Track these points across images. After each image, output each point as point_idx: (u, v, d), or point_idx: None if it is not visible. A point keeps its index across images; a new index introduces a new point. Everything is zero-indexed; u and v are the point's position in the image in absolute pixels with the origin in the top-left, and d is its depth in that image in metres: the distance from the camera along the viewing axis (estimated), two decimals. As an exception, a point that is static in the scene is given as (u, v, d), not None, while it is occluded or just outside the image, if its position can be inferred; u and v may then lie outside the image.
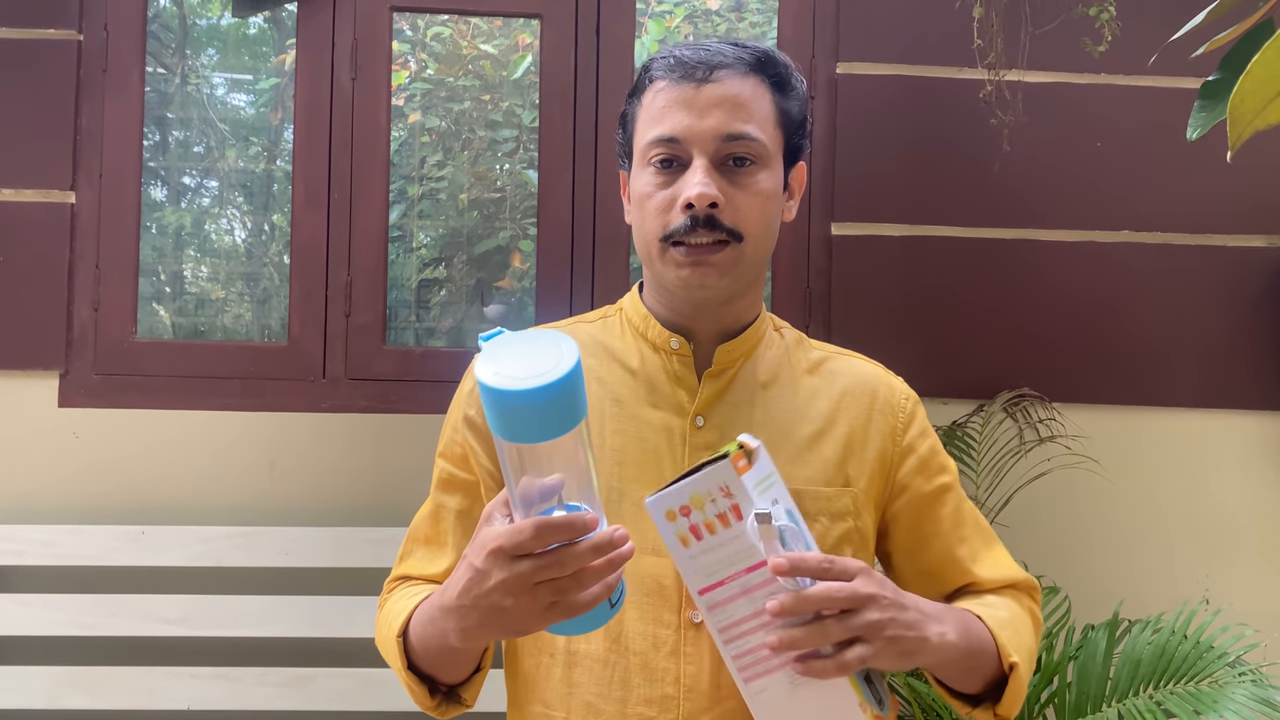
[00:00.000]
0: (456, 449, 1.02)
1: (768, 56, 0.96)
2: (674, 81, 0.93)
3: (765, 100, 0.95)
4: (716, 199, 0.91)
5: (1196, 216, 2.07)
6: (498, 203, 2.37)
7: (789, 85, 0.97)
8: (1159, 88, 2.04)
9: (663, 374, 0.98)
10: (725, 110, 0.92)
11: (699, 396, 0.97)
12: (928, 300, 2.04)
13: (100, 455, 1.97)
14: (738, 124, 0.92)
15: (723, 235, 0.92)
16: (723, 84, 0.93)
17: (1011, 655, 0.92)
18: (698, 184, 0.91)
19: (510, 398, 0.67)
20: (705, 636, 0.91)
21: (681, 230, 0.92)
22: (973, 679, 0.94)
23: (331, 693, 1.86)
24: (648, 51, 2.42)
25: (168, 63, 2.30)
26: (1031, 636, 0.99)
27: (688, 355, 0.98)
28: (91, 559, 1.88)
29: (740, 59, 0.94)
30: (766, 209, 0.94)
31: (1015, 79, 1.90)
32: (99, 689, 1.85)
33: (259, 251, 2.40)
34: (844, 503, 0.95)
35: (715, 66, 0.93)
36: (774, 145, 0.95)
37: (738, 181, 0.93)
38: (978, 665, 0.92)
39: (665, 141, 0.93)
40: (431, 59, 2.45)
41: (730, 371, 0.98)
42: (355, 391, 2.01)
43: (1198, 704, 1.51)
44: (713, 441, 0.95)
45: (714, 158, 0.92)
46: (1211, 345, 2.05)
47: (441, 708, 0.95)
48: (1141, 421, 2.05)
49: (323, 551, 1.90)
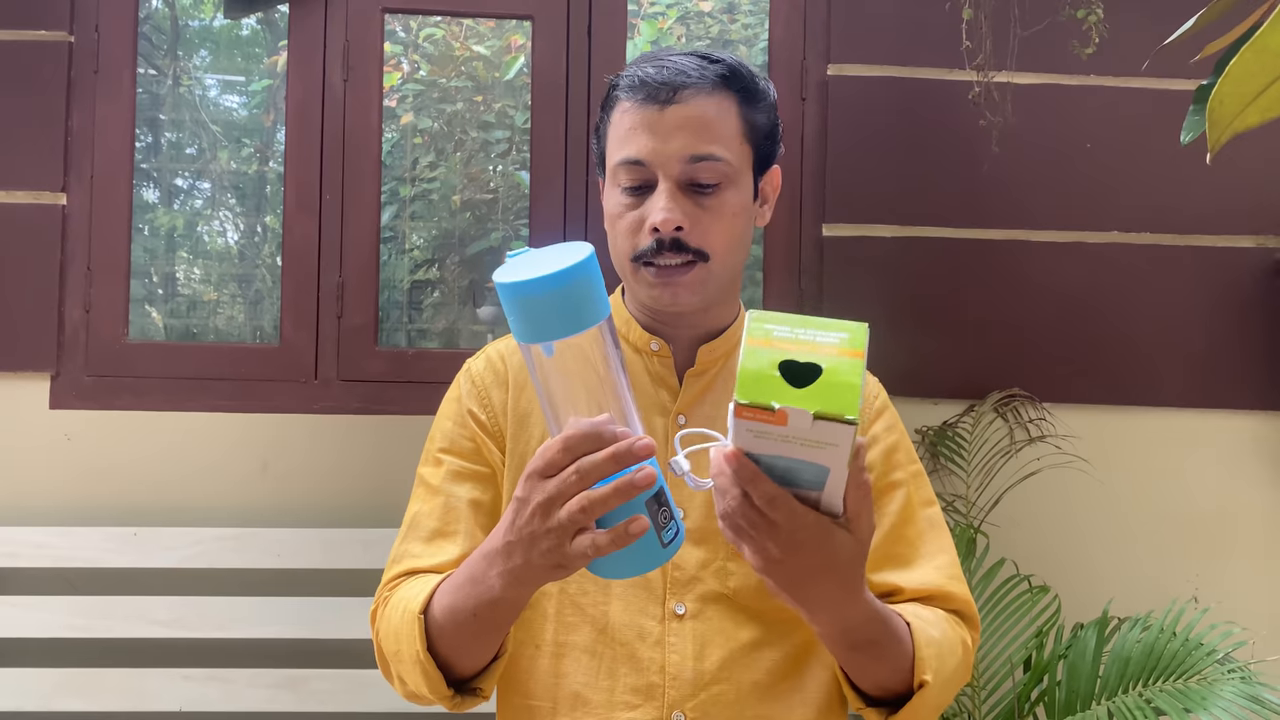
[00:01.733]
0: (465, 443, 1.01)
1: (733, 70, 0.96)
2: (638, 103, 0.94)
3: (731, 116, 0.95)
4: (680, 223, 0.92)
5: (1185, 217, 2.08)
6: (490, 204, 2.37)
7: (757, 96, 0.97)
8: (1147, 89, 2.05)
9: (645, 375, 1.01)
10: (689, 132, 0.92)
11: (681, 396, 1.00)
12: (918, 301, 2.05)
13: (92, 457, 1.97)
14: (702, 145, 0.93)
15: (689, 256, 0.93)
16: (686, 105, 0.93)
17: (925, 673, 0.88)
18: (661, 209, 0.92)
19: (522, 288, 0.68)
20: (688, 627, 0.94)
21: (649, 252, 0.94)
22: (873, 676, 0.89)
23: (324, 694, 1.86)
24: (640, 53, 2.42)
25: (159, 64, 2.30)
26: (955, 667, 0.93)
27: (668, 356, 1.01)
28: (84, 561, 1.88)
29: (704, 76, 0.94)
30: (733, 227, 0.95)
31: (1004, 80, 1.91)
32: (92, 691, 1.85)
33: (251, 253, 2.40)
34: None
35: (679, 87, 0.93)
36: (741, 160, 0.96)
37: (703, 203, 0.94)
38: (881, 661, 0.87)
39: (631, 164, 0.94)
40: (424, 60, 2.45)
41: (712, 371, 1.01)
42: (348, 393, 2.01)
43: (1187, 701, 1.52)
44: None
45: (679, 180, 0.93)
46: (1200, 345, 2.06)
47: (455, 699, 0.91)
48: (1131, 421, 2.07)
49: (315, 553, 1.90)
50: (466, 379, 1.04)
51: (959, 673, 0.94)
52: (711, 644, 0.94)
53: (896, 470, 1.01)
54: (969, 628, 0.99)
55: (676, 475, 0.73)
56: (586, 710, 0.94)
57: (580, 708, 0.94)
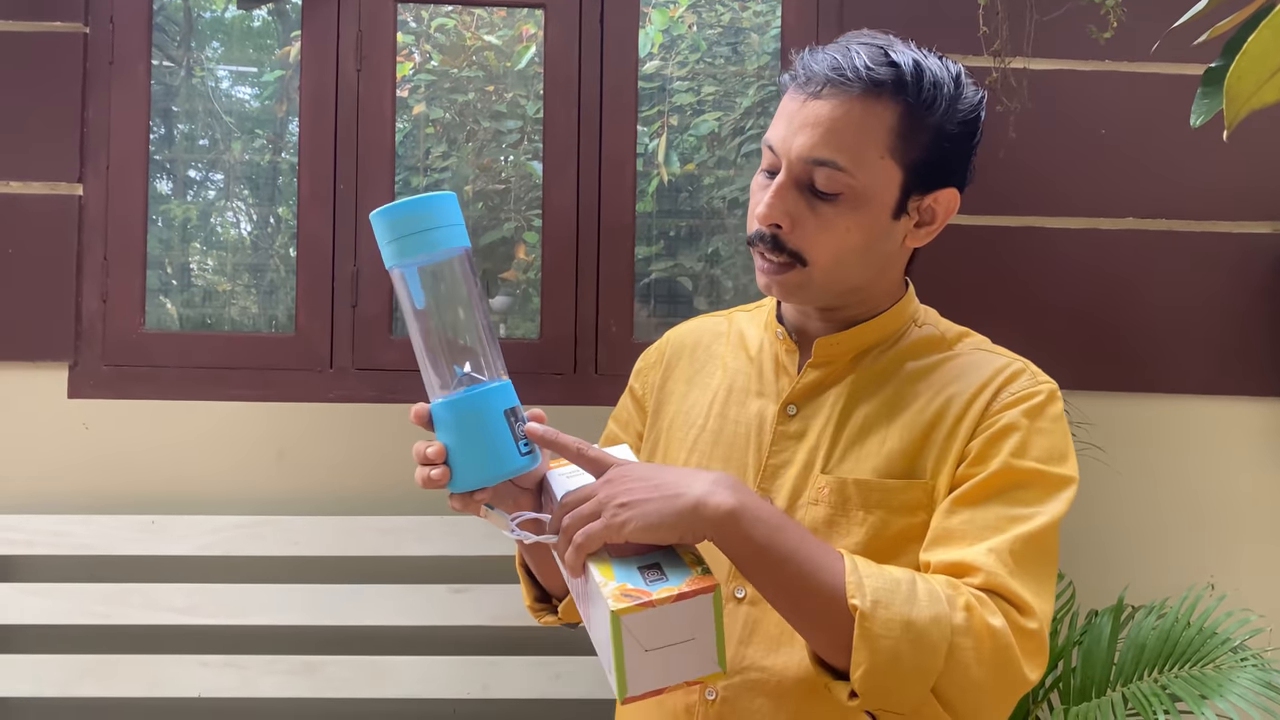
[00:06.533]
0: (623, 412, 1.09)
1: (900, 79, 0.87)
2: (795, 88, 0.90)
3: (879, 127, 0.87)
4: (779, 221, 0.89)
5: (1202, 203, 2.06)
6: (502, 194, 2.37)
7: (930, 109, 0.88)
8: (1164, 74, 2.04)
9: (772, 362, 0.99)
10: (817, 132, 0.87)
11: (795, 385, 0.96)
12: (932, 288, 2.02)
13: (110, 446, 1.99)
14: (824, 150, 0.87)
15: (785, 257, 0.90)
16: (826, 103, 0.87)
17: (855, 598, 0.75)
18: (765, 202, 0.89)
19: (386, 211, 0.79)
20: (743, 611, 0.93)
21: (753, 239, 0.91)
22: (800, 616, 0.79)
23: (339, 680, 1.88)
24: (651, 42, 2.42)
25: (173, 55, 2.31)
26: (928, 615, 0.76)
27: (792, 346, 0.98)
28: (102, 549, 1.90)
29: (862, 78, 0.86)
30: (845, 241, 0.89)
31: (1021, 66, 1.90)
32: (110, 677, 1.87)
33: (264, 244, 2.41)
34: (911, 495, 0.88)
35: (826, 82, 0.87)
36: (874, 178, 0.88)
37: (817, 208, 0.88)
38: (802, 590, 0.77)
39: (767, 147, 0.92)
40: (435, 50, 2.45)
41: (833, 365, 0.95)
42: (363, 381, 2.02)
43: (1203, 688, 1.52)
44: (798, 431, 0.94)
45: (797, 178, 0.88)
46: (1216, 332, 2.05)
47: (540, 612, 1.01)
48: (1146, 408, 2.06)
49: (331, 540, 1.92)
50: (641, 357, 1.10)
51: (965, 645, 0.76)
52: (760, 632, 0.92)
53: (994, 456, 0.86)
54: (1011, 609, 0.80)
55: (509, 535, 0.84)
56: None
57: None
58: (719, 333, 1.06)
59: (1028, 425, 0.88)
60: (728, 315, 1.08)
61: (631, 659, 0.73)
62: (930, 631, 0.76)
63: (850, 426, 0.93)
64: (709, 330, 1.07)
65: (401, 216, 0.78)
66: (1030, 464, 0.86)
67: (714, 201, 2.43)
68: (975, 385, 0.91)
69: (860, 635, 0.75)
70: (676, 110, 2.44)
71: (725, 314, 1.09)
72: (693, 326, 1.09)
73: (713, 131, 2.43)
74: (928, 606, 0.77)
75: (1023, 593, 0.80)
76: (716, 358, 1.03)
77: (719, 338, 1.05)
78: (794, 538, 0.79)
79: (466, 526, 1.92)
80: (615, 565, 0.77)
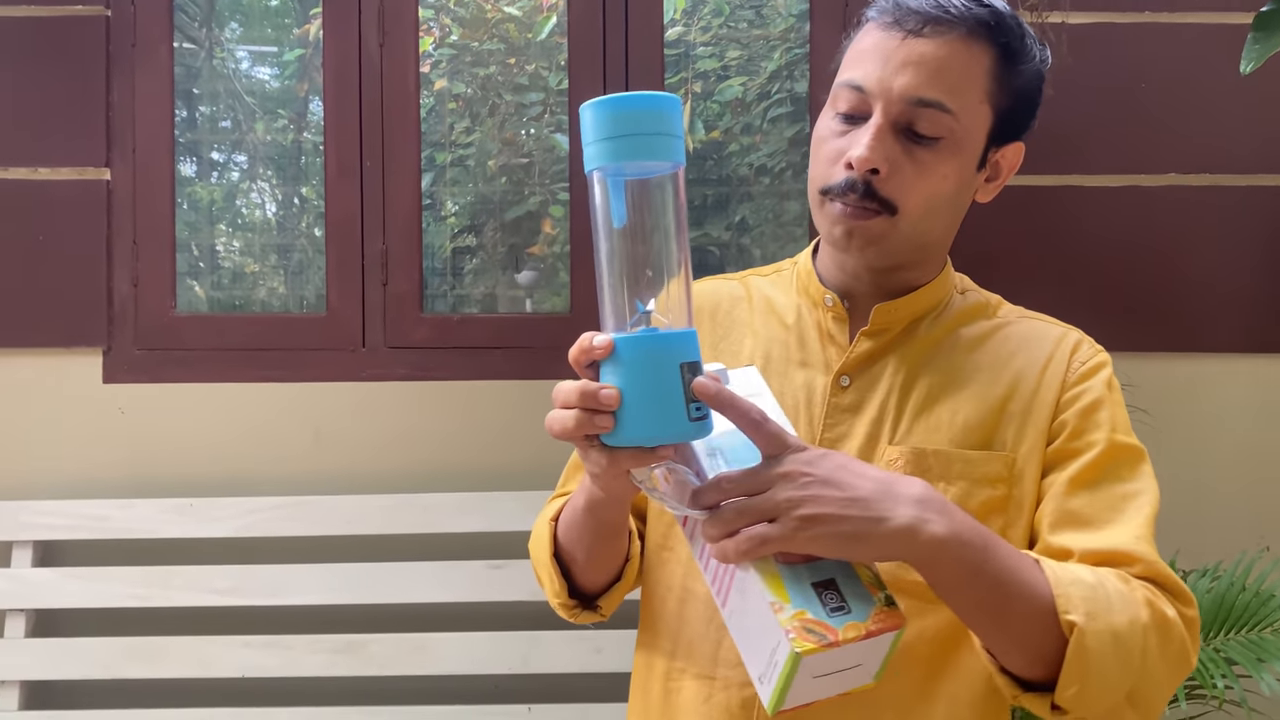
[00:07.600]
0: None
1: (1000, 21, 0.85)
2: (883, 26, 0.85)
3: (980, 70, 0.85)
4: (879, 166, 0.84)
5: (1245, 157, 2.01)
6: (526, 168, 2.35)
7: (1020, 57, 0.86)
8: (1204, 24, 1.98)
9: (815, 330, 0.94)
10: (922, 72, 0.83)
11: (849, 355, 0.92)
12: (970, 249, 1.99)
13: (146, 429, 1.99)
14: (932, 90, 0.83)
15: (876, 206, 0.85)
16: (930, 41, 0.83)
17: (1070, 612, 0.73)
18: (864, 145, 0.83)
19: (600, 104, 0.68)
20: None
21: (838, 188, 0.86)
22: (1005, 634, 0.76)
23: (383, 658, 1.88)
24: (675, 8, 2.37)
25: (194, 36, 2.29)
26: (1138, 631, 0.74)
27: (842, 313, 0.93)
28: (142, 532, 1.91)
29: (964, 18, 0.84)
30: (939, 190, 0.86)
31: (1059, 20, 1.85)
32: (155, 659, 1.88)
33: (290, 224, 2.40)
34: (992, 468, 0.87)
35: (930, 20, 0.83)
36: (974, 121, 0.86)
37: (915, 153, 0.85)
38: (1008, 609, 0.74)
39: (852, 89, 0.86)
40: (455, 24, 2.42)
41: (888, 334, 0.92)
42: (395, 360, 2.01)
43: (1260, 652, 1.49)
44: (854, 403, 0.90)
45: (895, 120, 0.84)
46: (1262, 288, 2.00)
47: (575, 610, 0.96)
48: (1191, 368, 2.01)
49: (368, 519, 1.92)
50: None
51: (1153, 644, 0.75)
52: None
53: (1094, 430, 0.87)
54: (1172, 598, 0.80)
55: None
56: (691, 660, 0.93)
57: (688, 657, 0.92)
58: (737, 297, 1.00)
59: (1110, 397, 0.89)
60: (741, 279, 1.03)
61: (797, 685, 0.68)
62: (1131, 639, 0.75)
63: (914, 397, 0.89)
64: (726, 294, 1.01)
65: (624, 112, 0.68)
66: (1126, 439, 0.88)
67: (740, 169, 2.40)
68: (1042, 357, 0.91)
69: (1075, 652, 0.73)
70: (700, 76, 2.40)
71: (738, 277, 1.03)
72: (708, 289, 1.02)
73: (737, 97, 2.39)
74: (1122, 610, 0.75)
75: (1178, 580, 0.81)
76: (742, 324, 0.98)
77: (739, 302, 1.00)
78: (1001, 555, 0.75)
79: (502, 502, 1.91)
80: (784, 574, 0.70)
